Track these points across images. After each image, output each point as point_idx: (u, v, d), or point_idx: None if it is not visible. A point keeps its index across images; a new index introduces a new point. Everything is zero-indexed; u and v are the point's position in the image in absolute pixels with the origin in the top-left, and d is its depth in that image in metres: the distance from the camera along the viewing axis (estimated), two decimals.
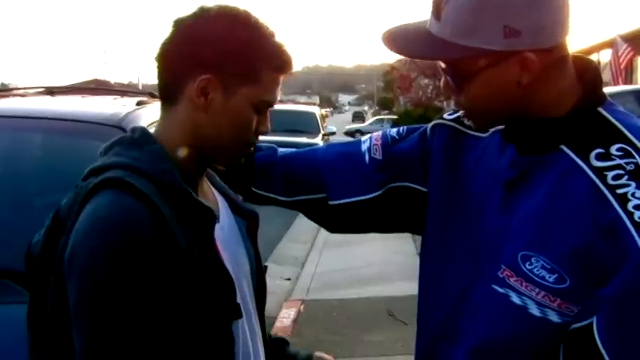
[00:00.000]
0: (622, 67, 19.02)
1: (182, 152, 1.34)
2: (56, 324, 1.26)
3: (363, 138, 1.66)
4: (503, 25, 1.21)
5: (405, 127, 1.63)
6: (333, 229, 1.71)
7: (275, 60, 1.35)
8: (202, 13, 1.34)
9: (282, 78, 1.39)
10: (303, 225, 9.78)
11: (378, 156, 1.58)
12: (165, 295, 1.20)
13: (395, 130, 1.64)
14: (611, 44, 20.39)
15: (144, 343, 1.18)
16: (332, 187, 1.60)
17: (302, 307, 6.56)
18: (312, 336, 5.73)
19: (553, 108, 1.28)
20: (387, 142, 1.60)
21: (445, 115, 1.55)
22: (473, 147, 1.45)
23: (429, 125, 1.57)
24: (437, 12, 1.27)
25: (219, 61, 1.31)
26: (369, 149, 1.60)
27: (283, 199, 1.66)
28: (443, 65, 1.31)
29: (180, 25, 1.34)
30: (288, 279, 7.78)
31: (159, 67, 1.36)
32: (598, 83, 1.33)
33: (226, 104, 1.33)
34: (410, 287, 6.79)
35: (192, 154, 1.36)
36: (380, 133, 1.65)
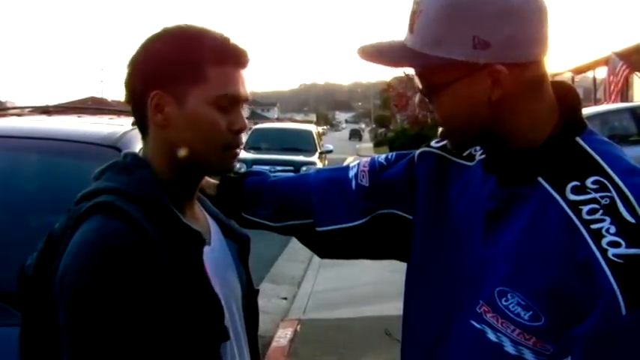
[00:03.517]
0: (618, 84, 19.10)
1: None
2: (47, 346, 1.27)
3: (352, 164, 1.65)
4: (473, 36, 1.19)
5: (394, 154, 1.62)
6: (322, 254, 1.71)
7: (217, 53, 1.34)
8: (144, 43, 1.37)
9: (237, 72, 1.37)
10: (299, 244, 9.55)
11: (365, 183, 1.57)
12: (153, 317, 1.22)
13: (383, 156, 1.63)
14: (606, 61, 20.47)
15: None
16: (319, 214, 1.60)
17: (299, 326, 6.52)
18: (308, 356, 5.69)
19: (529, 133, 1.25)
20: (374, 169, 1.59)
21: (432, 143, 1.52)
22: (458, 176, 1.43)
23: (417, 152, 1.55)
24: (411, 24, 1.27)
25: (161, 74, 1.33)
26: (355, 176, 1.59)
27: (272, 224, 1.66)
28: (417, 81, 1.30)
29: (130, 62, 1.37)
30: (285, 298, 7.75)
31: (131, 107, 1.40)
32: (578, 111, 1.30)
33: (183, 113, 1.33)
34: None
35: (178, 173, 1.37)
36: (368, 159, 1.64)
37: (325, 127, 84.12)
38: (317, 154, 16.61)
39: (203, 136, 1.34)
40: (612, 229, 1.13)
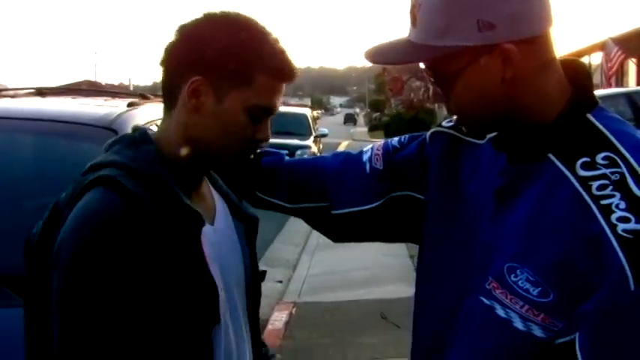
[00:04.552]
0: (613, 69, 19.12)
1: (183, 151, 1.35)
2: (47, 314, 1.27)
3: (365, 148, 1.65)
4: (477, 20, 1.18)
5: (407, 136, 1.62)
6: (336, 238, 1.70)
7: (271, 64, 1.34)
8: (203, 19, 1.36)
9: (281, 86, 1.38)
10: (295, 227, 9.77)
11: (379, 166, 1.57)
12: (143, 295, 1.23)
13: (397, 139, 1.62)
14: (602, 47, 20.50)
15: (118, 340, 1.21)
16: (334, 197, 1.59)
17: (294, 309, 6.54)
18: (304, 339, 5.71)
19: (541, 109, 1.25)
20: (388, 152, 1.59)
21: (443, 123, 1.52)
22: (469, 154, 1.42)
23: (428, 133, 1.55)
24: (413, 19, 1.26)
25: (211, 63, 1.32)
26: (370, 159, 1.59)
27: (287, 205, 1.65)
28: (429, 73, 1.29)
29: (182, 30, 1.36)
30: (280, 281, 7.76)
31: (162, 72, 1.38)
32: (589, 88, 1.29)
33: (217, 107, 1.33)
34: (402, 290, 6.83)
35: (189, 156, 1.36)
36: (382, 142, 1.63)
37: (320, 112, 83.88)
38: (312, 138, 16.61)
39: (227, 136, 1.35)
40: (622, 205, 1.12)
